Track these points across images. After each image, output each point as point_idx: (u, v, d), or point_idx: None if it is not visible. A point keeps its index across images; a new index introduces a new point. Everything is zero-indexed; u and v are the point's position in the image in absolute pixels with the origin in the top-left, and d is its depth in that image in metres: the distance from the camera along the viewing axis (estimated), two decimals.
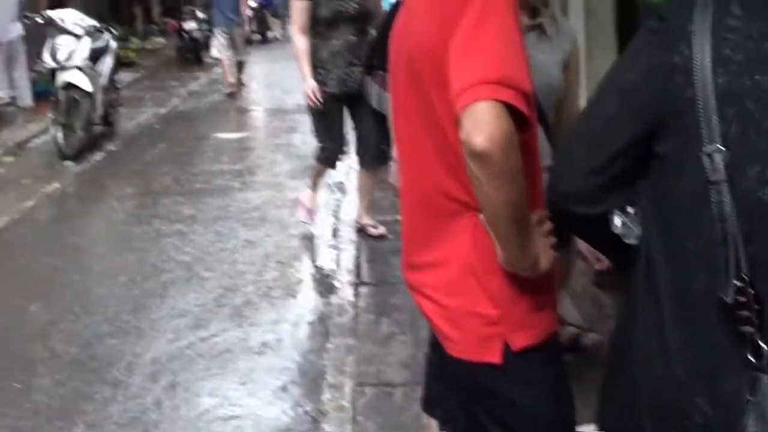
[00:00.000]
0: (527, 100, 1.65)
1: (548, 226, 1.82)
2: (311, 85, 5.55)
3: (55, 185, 8.10)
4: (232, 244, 6.19)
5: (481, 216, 1.77)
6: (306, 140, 9.41)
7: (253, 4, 19.47)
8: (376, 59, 4.06)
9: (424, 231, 1.95)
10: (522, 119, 1.64)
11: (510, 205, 1.66)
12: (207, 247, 6.14)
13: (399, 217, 2.09)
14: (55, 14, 9.57)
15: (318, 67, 5.56)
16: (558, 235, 1.85)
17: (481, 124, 1.59)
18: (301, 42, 5.58)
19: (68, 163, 8.79)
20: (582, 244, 2.69)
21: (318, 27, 5.52)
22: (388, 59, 2.07)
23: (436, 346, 2.08)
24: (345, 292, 5.21)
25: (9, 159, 9.20)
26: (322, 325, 4.79)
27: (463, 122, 1.62)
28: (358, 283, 5.31)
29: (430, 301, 1.93)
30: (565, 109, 2.87)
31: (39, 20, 9.96)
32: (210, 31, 17.53)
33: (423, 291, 1.95)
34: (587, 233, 1.86)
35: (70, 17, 9.45)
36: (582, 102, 2.91)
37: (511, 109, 1.61)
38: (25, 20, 10.63)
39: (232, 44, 12.95)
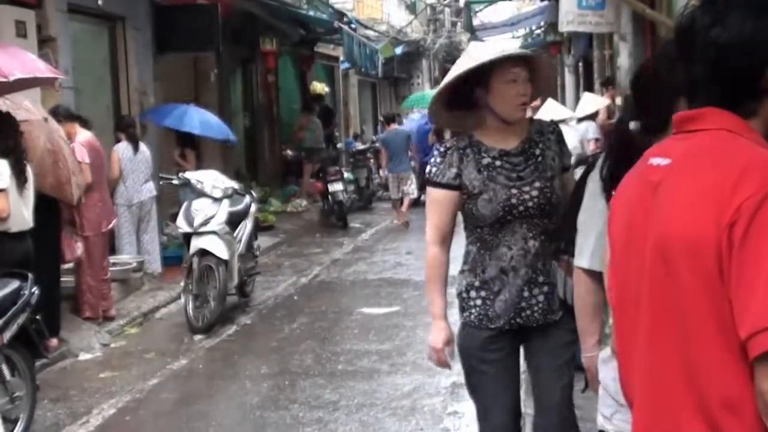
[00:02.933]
0: None
1: None
2: (440, 337, 3.99)
3: (183, 361, 8.36)
4: None
5: None
6: None
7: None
8: (564, 238, 3.60)
9: None
10: None
11: None
12: None
13: None
14: (193, 176, 10.13)
15: (477, 288, 3.98)
16: None
17: None
18: (435, 255, 4.02)
19: (198, 336, 9.09)
20: None
21: (477, 230, 3.98)
22: (612, 242, 2.05)
23: None
24: None
25: (133, 330, 9.60)
26: None
27: (762, 371, 1.60)
28: None
29: None
30: None
31: (175, 182, 10.56)
32: (356, 193, 18.55)
33: None
34: None
35: (208, 179, 9.96)
36: None
37: None
38: (160, 181, 11.28)
39: (402, 185, 17.18)
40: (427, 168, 4.07)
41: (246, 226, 10.31)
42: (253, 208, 10.77)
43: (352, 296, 11.27)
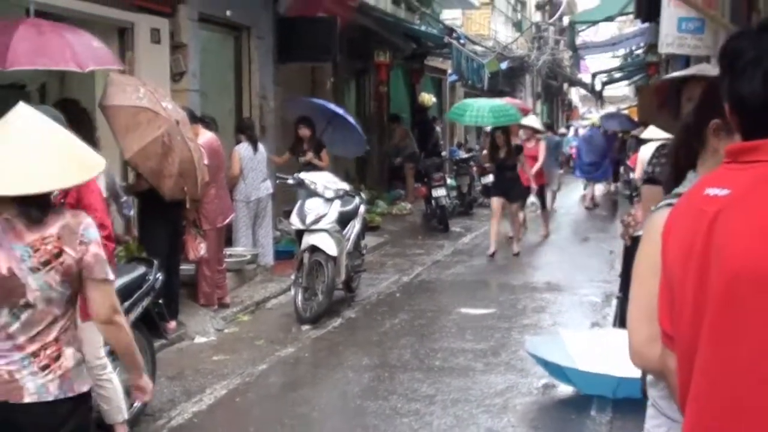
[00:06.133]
0: None
1: None
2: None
3: (290, 349, 8.41)
4: None
5: None
6: (557, 321, 9.35)
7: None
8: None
9: None
10: None
11: None
12: None
13: None
14: (307, 176, 10.21)
15: None
16: None
17: None
18: None
19: (306, 327, 9.14)
20: None
21: None
22: (674, 273, 1.96)
23: None
24: None
25: (245, 318, 9.70)
26: None
27: None
28: None
29: None
30: None
31: (290, 181, 10.65)
32: (458, 198, 18.50)
33: None
34: None
35: (321, 180, 10.04)
36: None
37: None
38: (276, 180, 11.40)
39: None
40: (647, 168, 4.16)
41: (354, 226, 10.34)
42: (362, 209, 10.79)
43: (451, 296, 11.21)
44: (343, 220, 9.92)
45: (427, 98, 22.30)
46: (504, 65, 28.66)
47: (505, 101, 17.95)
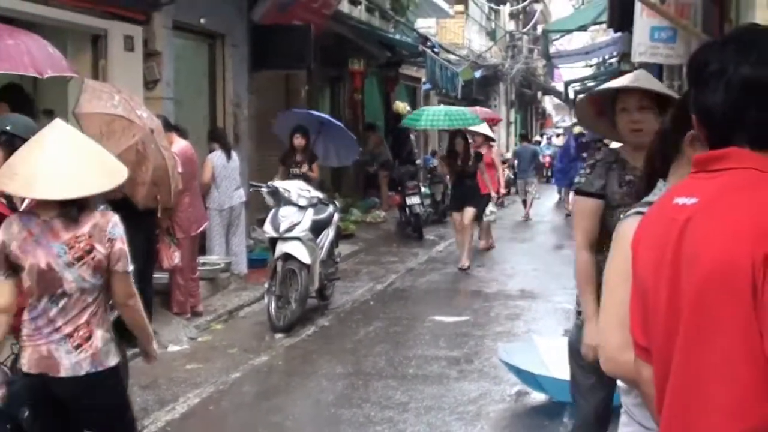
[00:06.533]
0: None
1: None
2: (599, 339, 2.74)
3: (264, 358, 8.39)
4: None
5: None
6: (530, 329, 9.38)
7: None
8: None
9: None
10: None
11: None
12: None
13: None
14: (281, 185, 10.20)
15: None
16: None
17: None
18: (585, 260, 4.04)
19: (279, 335, 9.11)
20: None
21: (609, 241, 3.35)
22: (643, 275, 1.97)
23: None
24: None
25: (219, 326, 9.66)
26: None
27: None
28: None
29: None
30: None
31: (264, 189, 10.63)
32: (432, 207, 18.49)
33: None
34: None
35: (295, 188, 10.03)
36: None
37: None
38: (250, 188, 11.38)
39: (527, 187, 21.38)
40: (576, 179, 4.16)
41: (328, 234, 10.32)
42: (336, 217, 10.77)
43: (425, 304, 11.22)
44: (317, 228, 9.91)
45: (402, 106, 22.34)
46: (478, 74, 28.81)
47: (466, 109, 18.01)
